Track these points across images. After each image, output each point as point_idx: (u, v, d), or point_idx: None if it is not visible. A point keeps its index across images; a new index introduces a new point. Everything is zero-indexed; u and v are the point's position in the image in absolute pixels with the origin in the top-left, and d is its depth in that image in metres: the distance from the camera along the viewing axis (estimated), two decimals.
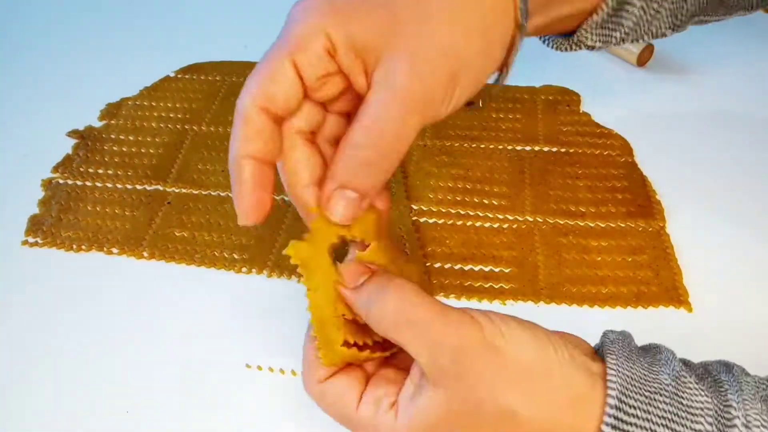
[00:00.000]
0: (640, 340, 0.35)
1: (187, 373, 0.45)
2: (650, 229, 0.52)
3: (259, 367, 0.45)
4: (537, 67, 0.67)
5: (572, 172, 0.56)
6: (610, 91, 0.65)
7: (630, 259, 0.50)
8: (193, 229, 0.54)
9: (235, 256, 0.51)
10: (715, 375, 0.32)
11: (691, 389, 0.30)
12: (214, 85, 0.67)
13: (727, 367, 0.33)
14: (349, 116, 0.35)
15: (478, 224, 0.53)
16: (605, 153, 0.58)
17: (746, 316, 0.46)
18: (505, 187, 0.55)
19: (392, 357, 0.35)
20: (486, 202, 0.54)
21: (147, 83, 0.68)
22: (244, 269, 0.51)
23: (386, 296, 0.31)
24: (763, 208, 0.53)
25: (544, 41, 0.46)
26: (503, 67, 0.37)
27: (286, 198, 0.55)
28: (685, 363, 0.33)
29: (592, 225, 0.52)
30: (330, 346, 0.33)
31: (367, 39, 0.31)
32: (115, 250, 0.52)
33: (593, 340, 0.34)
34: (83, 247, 0.53)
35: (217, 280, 0.50)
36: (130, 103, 0.65)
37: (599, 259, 0.50)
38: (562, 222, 0.53)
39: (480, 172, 0.57)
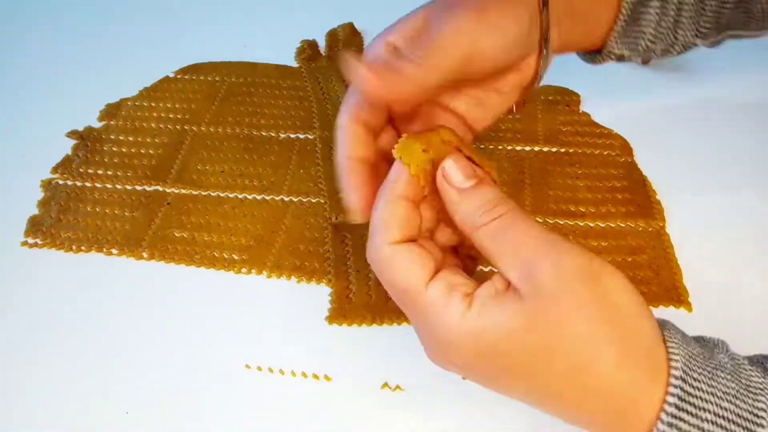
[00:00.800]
0: None
1: (187, 374, 0.45)
2: (650, 229, 0.52)
3: (259, 368, 0.45)
4: None
5: (572, 172, 0.56)
6: (610, 91, 0.64)
7: (630, 259, 0.50)
8: (192, 229, 0.53)
9: (235, 257, 0.51)
10: (763, 363, 0.32)
11: (748, 370, 0.30)
12: (214, 86, 0.67)
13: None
14: None
15: None
16: (605, 153, 0.58)
17: (746, 316, 0.46)
18: (504, 187, 0.55)
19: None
20: None
21: (146, 84, 0.67)
22: (243, 270, 0.51)
23: (494, 209, 0.32)
24: (764, 208, 0.53)
25: (579, 56, 0.50)
26: (537, 70, 0.42)
27: (285, 198, 0.55)
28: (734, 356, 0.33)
29: (591, 225, 0.52)
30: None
31: (412, 22, 0.38)
32: (114, 251, 0.52)
33: None
34: (83, 247, 0.53)
35: (217, 280, 0.50)
36: (129, 103, 0.65)
37: None
38: (561, 222, 0.53)
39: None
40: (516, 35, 0.38)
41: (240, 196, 0.56)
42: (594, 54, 0.49)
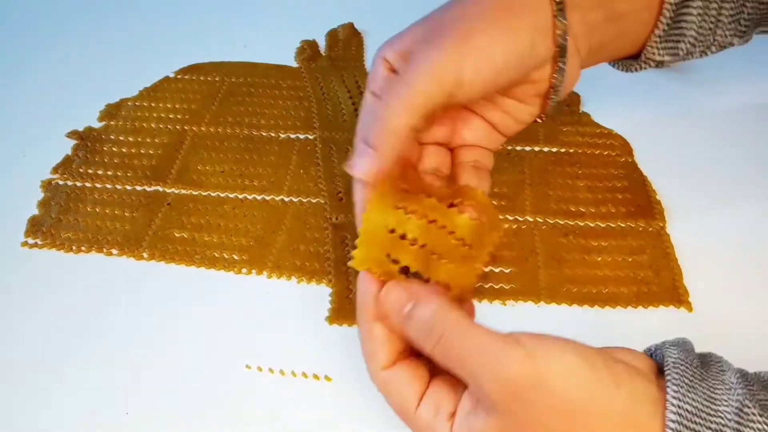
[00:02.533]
0: (641, 341, 0.35)
1: (187, 374, 0.45)
2: (650, 229, 0.52)
3: (260, 368, 0.45)
4: None
5: (572, 172, 0.56)
6: (610, 91, 0.64)
7: (630, 259, 0.50)
8: (192, 230, 0.53)
9: (235, 257, 0.51)
10: None
11: (755, 424, 0.29)
12: (214, 86, 0.67)
13: None
14: None
15: None
16: (605, 153, 0.58)
17: (747, 316, 0.46)
18: (505, 187, 0.55)
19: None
20: None
21: (146, 84, 0.67)
22: (244, 270, 0.51)
23: (433, 330, 0.32)
24: (764, 208, 0.53)
25: (613, 65, 0.47)
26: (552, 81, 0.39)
27: (285, 198, 0.55)
28: (746, 381, 0.31)
29: (592, 225, 0.52)
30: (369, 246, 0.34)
31: (404, 41, 0.37)
32: (114, 251, 0.52)
33: (593, 341, 0.33)
34: (83, 248, 0.53)
35: (217, 280, 0.50)
36: (129, 103, 0.65)
37: (599, 259, 0.50)
38: (562, 222, 0.53)
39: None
40: (506, 56, 0.36)
41: (240, 197, 0.56)
42: (628, 60, 0.47)
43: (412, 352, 0.34)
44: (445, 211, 0.35)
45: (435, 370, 0.34)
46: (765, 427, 0.29)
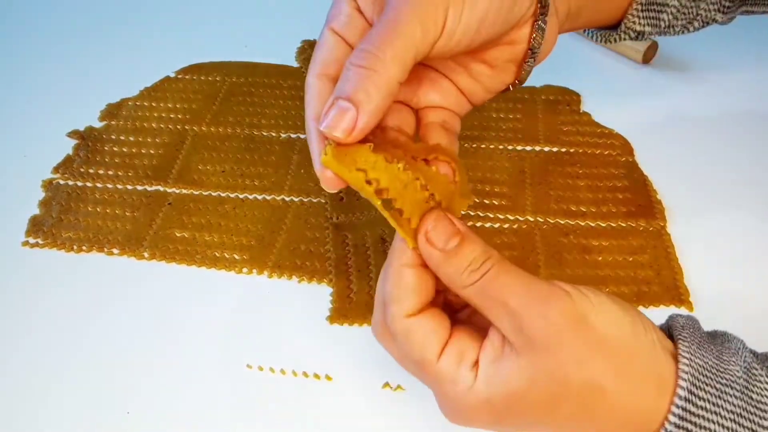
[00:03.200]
0: None
1: (188, 374, 0.45)
2: (651, 229, 0.52)
3: (260, 368, 0.45)
4: (537, 67, 0.66)
5: (573, 171, 0.56)
6: (610, 90, 0.65)
7: (631, 259, 0.50)
8: (193, 229, 0.53)
9: (236, 257, 0.51)
10: None
11: (762, 383, 0.30)
12: (215, 86, 0.67)
13: None
14: None
15: (479, 224, 0.53)
16: (606, 153, 0.58)
17: (747, 315, 0.46)
18: (505, 187, 0.55)
19: (471, 315, 0.35)
20: (487, 202, 0.54)
21: (147, 83, 0.68)
22: (245, 269, 0.51)
23: (478, 269, 0.31)
24: (764, 208, 0.53)
25: (589, 35, 0.46)
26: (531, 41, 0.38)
27: (286, 198, 0.55)
28: (754, 353, 0.32)
29: (592, 225, 0.52)
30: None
31: None
32: (115, 251, 0.52)
33: None
34: (84, 247, 0.53)
35: (218, 280, 0.50)
36: (130, 103, 0.65)
37: (600, 258, 0.50)
38: (562, 222, 0.53)
39: (480, 172, 0.57)
40: (490, 5, 0.34)
41: (241, 196, 0.56)
42: (609, 30, 0.46)
43: (433, 305, 0.33)
44: (416, 163, 0.33)
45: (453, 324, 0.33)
46: None
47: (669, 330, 0.32)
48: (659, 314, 0.46)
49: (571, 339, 0.29)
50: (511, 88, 0.40)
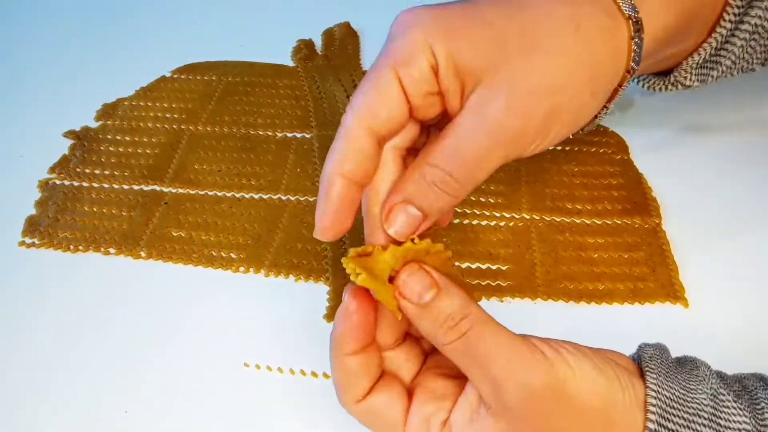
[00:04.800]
0: (638, 337, 0.35)
1: (186, 373, 0.45)
2: (646, 226, 0.52)
3: (258, 366, 0.45)
4: None
5: (568, 169, 0.57)
6: None
7: (626, 256, 0.50)
8: (190, 228, 0.54)
9: (233, 256, 0.51)
10: (751, 391, 0.31)
11: (729, 408, 0.30)
12: (210, 85, 0.67)
13: (764, 382, 0.32)
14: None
15: (474, 222, 0.53)
16: (601, 150, 0.58)
17: (742, 312, 0.46)
18: (501, 185, 0.55)
19: (433, 362, 0.34)
20: (482, 200, 0.54)
21: (143, 83, 0.68)
22: (241, 268, 0.51)
23: (457, 326, 0.30)
24: (758, 204, 0.53)
25: (637, 81, 0.44)
26: (602, 109, 0.37)
27: (282, 197, 0.55)
28: (721, 377, 0.33)
29: (588, 222, 0.53)
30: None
31: (469, 59, 0.31)
32: (112, 251, 0.52)
33: (590, 337, 0.34)
34: (80, 247, 0.53)
35: (215, 279, 0.50)
36: (126, 103, 0.65)
37: (596, 256, 0.50)
38: (558, 219, 0.53)
39: None
40: (585, 120, 0.34)
41: (237, 195, 0.56)
42: (657, 78, 0.45)
43: (384, 379, 0.33)
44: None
45: (411, 385, 0.33)
46: (739, 411, 0.30)
47: (639, 360, 0.32)
48: (655, 311, 0.47)
49: (549, 410, 0.29)
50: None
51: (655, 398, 0.30)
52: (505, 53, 0.31)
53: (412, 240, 0.31)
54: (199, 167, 0.58)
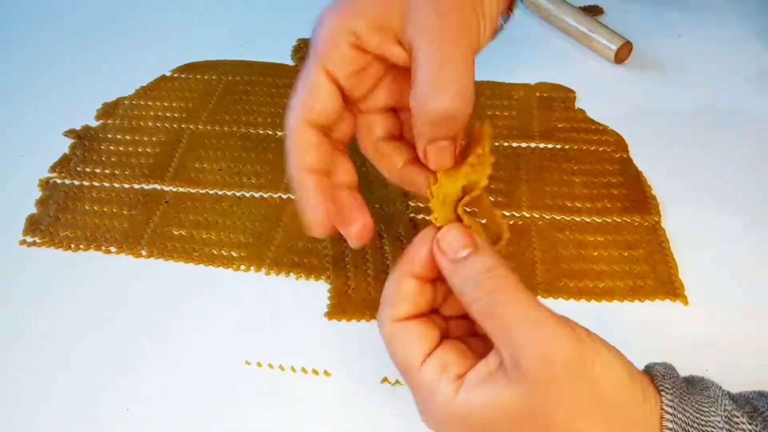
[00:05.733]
0: (637, 333, 0.36)
1: (187, 371, 0.45)
2: (646, 224, 0.52)
3: (259, 364, 0.45)
4: (531, 65, 0.67)
5: (568, 168, 0.57)
6: (605, 88, 0.65)
7: (626, 254, 0.50)
8: (191, 227, 0.54)
9: (234, 254, 0.51)
10: (763, 412, 0.31)
11: (745, 431, 0.30)
12: (210, 84, 0.67)
13: None
14: (394, 110, 0.37)
15: None
16: (600, 149, 0.58)
17: (741, 309, 0.46)
18: (501, 183, 0.56)
19: (471, 337, 0.34)
20: None
21: (143, 82, 0.68)
22: (242, 267, 0.51)
23: (485, 283, 0.30)
24: (757, 201, 0.53)
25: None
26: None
27: (283, 195, 0.55)
28: (732, 398, 0.32)
29: (588, 220, 0.53)
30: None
31: (384, 12, 0.33)
32: (113, 249, 0.53)
33: None
34: (81, 246, 0.53)
35: (216, 277, 0.50)
36: (126, 102, 0.65)
37: (595, 253, 0.50)
38: (558, 217, 0.53)
39: None
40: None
41: (238, 194, 0.56)
42: None
43: (429, 315, 0.33)
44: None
45: (445, 336, 0.33)
46: (755, 430, 0.29)
47: (649, 377, 0.32)
48: (655, 308, 0.47)
49: (568, 388, 0.29)
50: None
51: (671, 421, 0.29)
52: None
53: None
54: (200, 166, 0.59)
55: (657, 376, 0.31)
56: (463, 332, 0.34)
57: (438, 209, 0.33)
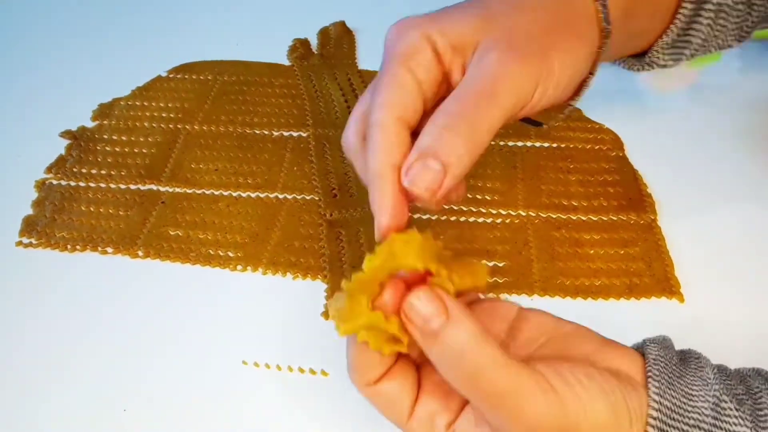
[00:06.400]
0: (634, 332, 0.35)
1: (184, 371, 0.45)
2: (642, 222, 0.52)
3: (256, 364, 0.45)
4: None
5: (564, 166, 0.57)
6: (601, 86, 0.64)
7: (622, 252, 0.50)
8: (187, 227, 0.54)
9: (230, 254, 0.52)
10: (755, 394, 0.31)
11: (731, 418, 0.29)
12: (206, 85, 0.67)
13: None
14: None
15: (471, 219, 0.53)
16: (596, 147, 0.59)
17: (737, 306, 0.46)
18: (497, 182, 0.56)
19: None
20: (479, 197, 0.55)
21: (139, 83, 0.68)
22: (239, 267, 0.51)
23: (461, 364, 0.28)
24: (752, 199, 0.53)
25: (618, 64, 0.47)
26: (580, 89, 0.39)
27: (279, 195, 0.55)
28: (725, 374, 0.32)
29: (584, 218, 0.53)
30: (356, 309, 0.29)
31: (462, 33, 0.33)
32: (109, 250, 0.52)
33: None
34: (78, 247, 0.53)
35: (213, 277, 0.50)
36: (122, 103, 0.65)
37: (592, 252, 0.50)
38: (554, 216, 0.53)
39: (473, 168, 0.57)
40: (570, 83, 0.36)
41: (234, 194, 0.56)
42: (631, 59, 0.46)
43: (400, 365, 0.32)
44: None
45: (422, 370, 0.33)
46: (740, 420, 0.29)
47: (643, 355, 0.32)
48: (651, 306, 0.47)
49: None
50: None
51: (656, 410, 0.29)
52: (492, 19, 0.34)
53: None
54: (196, 166, 0.59)
55: (648, 359, 0.31)
56: None
57: (348, 311, 0.30)
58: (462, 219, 0.53)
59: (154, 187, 0.57)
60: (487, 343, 0.28)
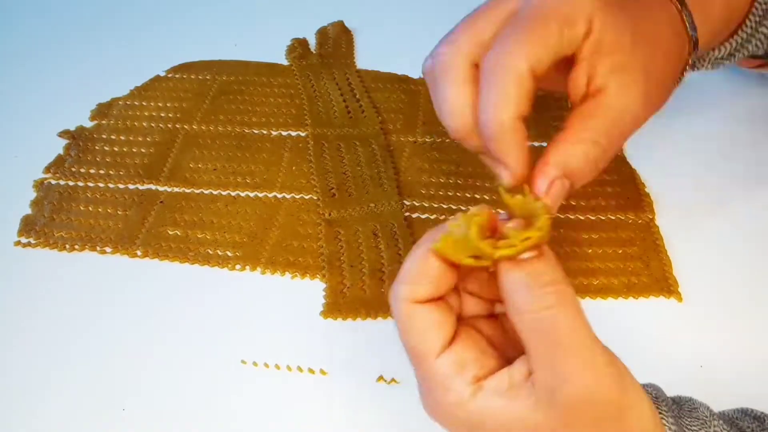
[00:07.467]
0: (632, 331, 0.36)
1: (183, 370, 0.45)
2: (640, 222, 0.52)
3: (255, 363, 0.45)
4: None
5: None
6: None
7: (620, 251, 0.50)
8: (186, 227, 0.54)
9: (229, 254, 0.52)
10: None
11: None
12: (205, 84, 0.67)
13: (759, 422, 0.32)
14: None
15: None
16: None
17: (735, 305, 0.46)
18: (496, 181, 0.56)
19: (485, 318, 0.32)
20: (477, 196, 0.55)
21: (137, 83, 0.68)
22: (238, 266, 0.51)
23: (546, 297, 0.27)
24: (749, 199, 0.53)
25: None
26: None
27: (278, 195, 0.56)
28: (721, 417, 0.32)
29: (582, 218, 0.53)
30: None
31: (612, 41, 0.32)
32: (108, 250, 0.52)
33: None
34: (76, 246, 0.53)
35: (211, 277, 0.50)
36: (120, 102, 0.65)
37: (590, 251, 0.50)
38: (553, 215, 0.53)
39: (471, 168, 0.57)
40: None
41: (233, 194, 0.56)
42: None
43: (446, 302, 0.30)
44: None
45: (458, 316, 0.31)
46: None
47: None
48: (649, 305, 0.47)
49: (596, 424, 0.28)
50: None
51: None
52: (633, 42, 0.33)
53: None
54: (195, 166, 0.59)
55: (654, 399, 0.30)
56: (478, 312, 0.32)
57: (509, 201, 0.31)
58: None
59: (153, 187, 0.57)
60: (572, 291, 0.28)
